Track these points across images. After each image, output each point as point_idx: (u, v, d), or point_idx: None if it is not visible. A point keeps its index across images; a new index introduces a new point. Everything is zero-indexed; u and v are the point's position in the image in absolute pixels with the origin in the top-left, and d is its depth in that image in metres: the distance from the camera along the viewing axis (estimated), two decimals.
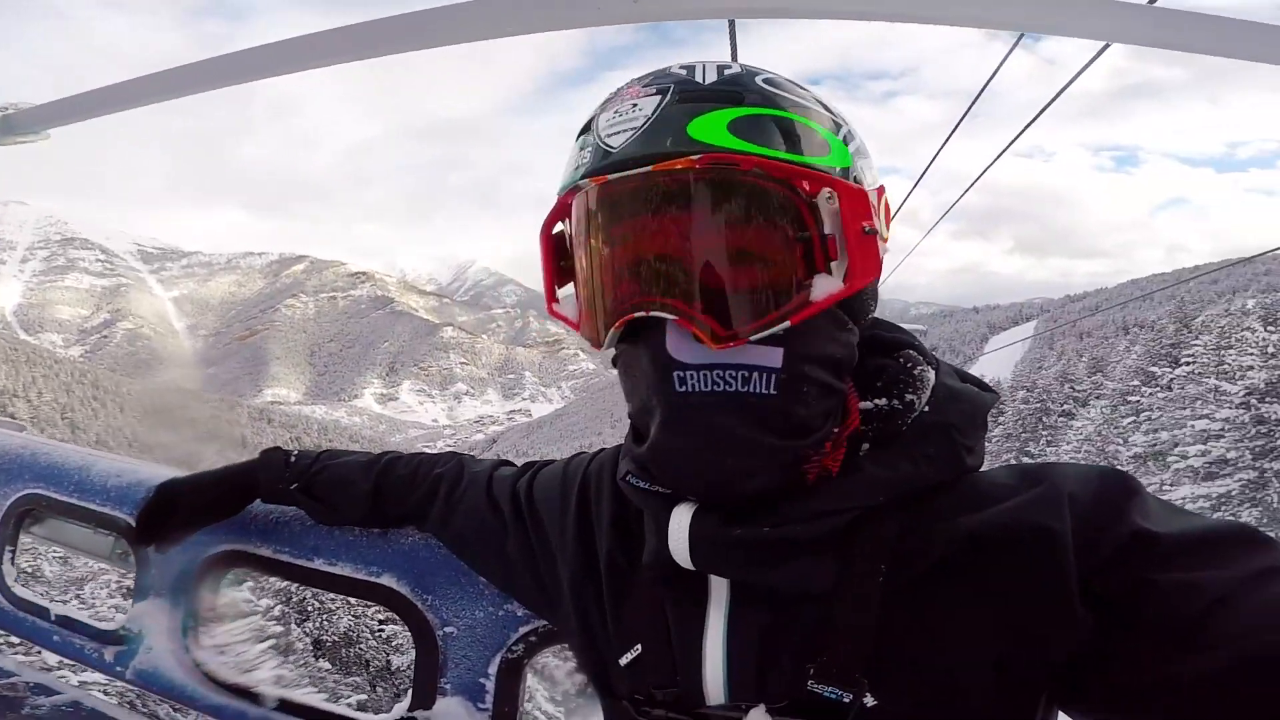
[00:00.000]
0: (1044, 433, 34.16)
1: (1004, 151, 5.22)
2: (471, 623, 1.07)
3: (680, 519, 0.62)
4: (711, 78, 0.61)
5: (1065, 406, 34.99)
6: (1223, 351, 23.76)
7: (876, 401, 0.64)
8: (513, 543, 0.89)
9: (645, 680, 0.68)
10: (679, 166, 0.57)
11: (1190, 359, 25.82)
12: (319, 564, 1.15)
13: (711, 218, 0.58)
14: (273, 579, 1.29)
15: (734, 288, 0.58)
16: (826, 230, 0.57)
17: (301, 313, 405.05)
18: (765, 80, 0.62)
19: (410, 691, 1.12)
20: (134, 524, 1.18)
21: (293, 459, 1.08)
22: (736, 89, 0.60)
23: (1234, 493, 20.78)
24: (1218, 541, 0.53)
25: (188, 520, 1.08)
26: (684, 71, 0.63)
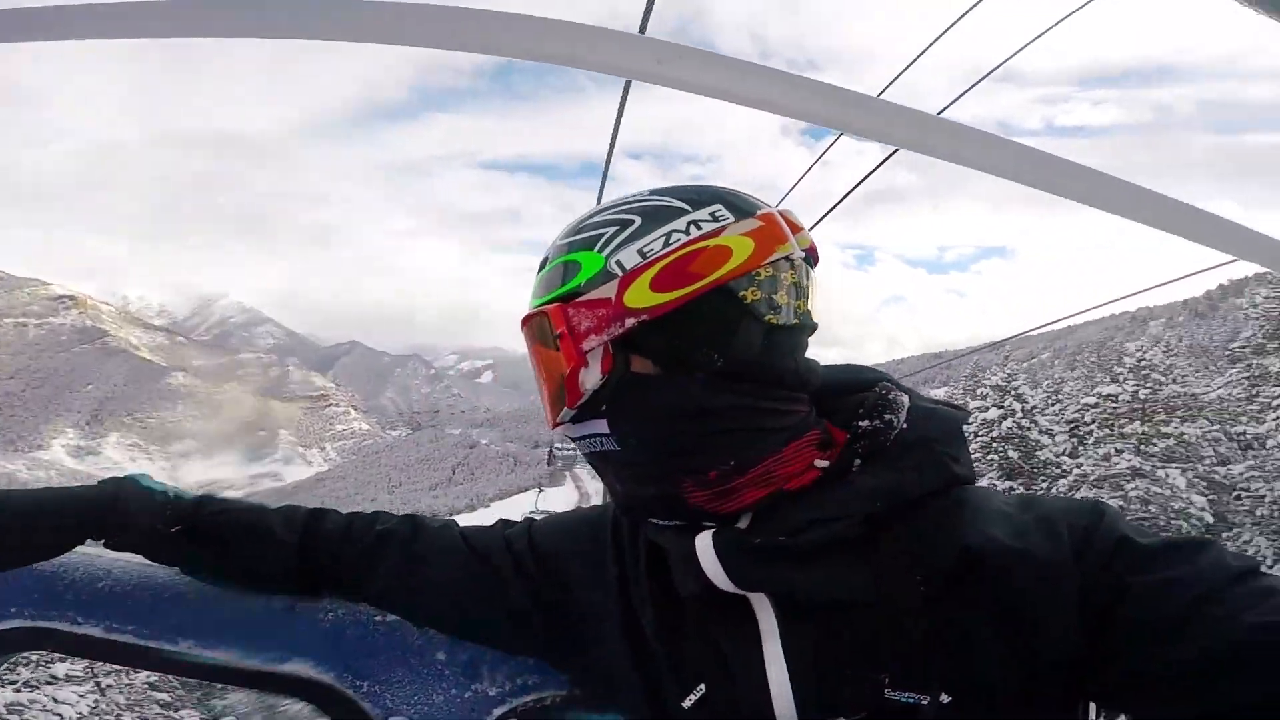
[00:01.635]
0: None
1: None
2: (428, 709, 0.89)
3: (704, 540, 0.69)
4: (580, 231, 0.76)
5: None
6: None
7: (861, 424, 0.72)
8: (515, 584, 0.84)
9: (715, 717, 0.70)
10: (523, 325, 0.78)
11: None
12: (185, 648, 0.86)
13: (532, 356, 0.78)
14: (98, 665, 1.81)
15: (550, 397, 0.75)
16: (577, 342, 0.72)
17: None
18: (570, 229, 0.77)
19: None
20: None
21: (169, 494, 0.84)
22: (546, 258, 0.78)
23: None
24: (1188, 548, 0.60)
25: None
26: (581, 223, 0.77)
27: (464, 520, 0.97)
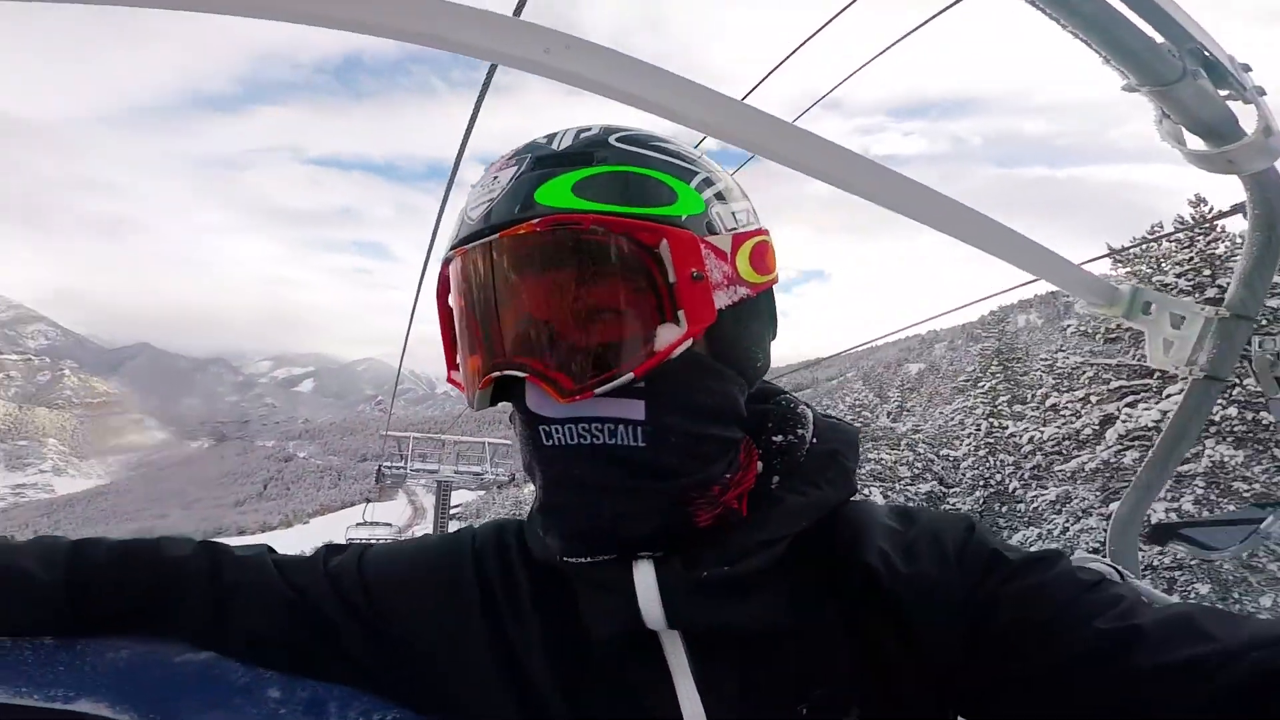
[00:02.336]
0: None
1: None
2: None
3: (646, 575, 0.60)
4: (567, 143, 0.64)
5: None
6: None
7: (775, 439, 0.68)
8: (347, 627, 0.72)
9: None
10: (521, 231, 0.59)
11: None
12: None
13: (552, 277, 0.60)
14: None
15: (579, 343, 0.59)
16: (671, 279, 0.59)
17: None
18: (621, 138, 0.64)
19: None
20: None
21: None
22: (588, 150, 0.63)
23: None
24: (1046, 560, 0.63)
25: None
26: (545, 140, 0.66)
27: (283, 537, 0.52)
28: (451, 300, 0.68)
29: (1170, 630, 0.53)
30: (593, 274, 0.60)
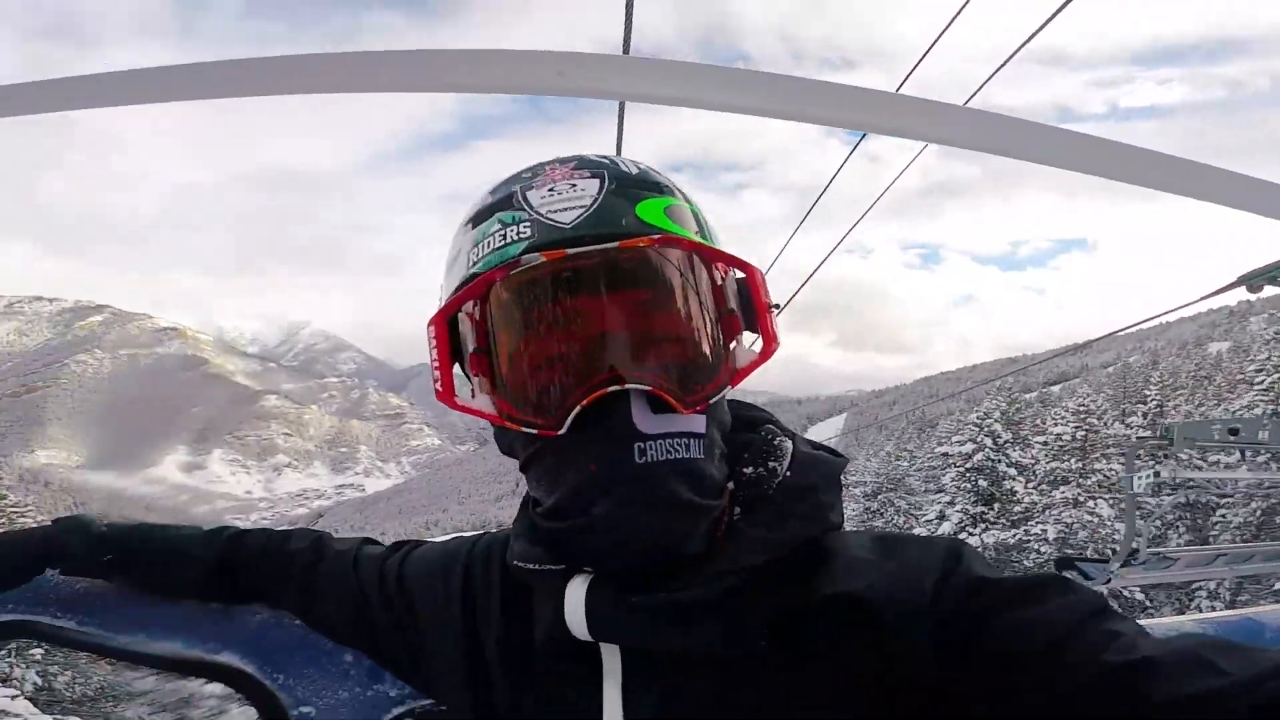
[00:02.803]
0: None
1: (836, 247, 5.57)
2: (334, 703, 0.98)
3: (576, 592, 0.63)
4: (634, 169, 0.66)
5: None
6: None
7: (745, 470, 0.67)
8: (380, 620, 0.86)
9: None
10: (643, 244, 0.60)
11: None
12: (139, 640, 1.01)
13: (670, 296, 0.62)
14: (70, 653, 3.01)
15: (691, 356, 0.62)
16: (736, 306, 0.65)
17: (94, 369, 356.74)
18: (660, 174, 0.68)
19: None
20: None
21: (103, 528, 0.97)
22: (655, 179, 0.66)
23: None
24: (1042, 587, 0.58)
25: None
26: (605, 159, 0.68)
27: None
28: (515, 309, 0.63)
29: (1181, 662, 0.50)
30: (699, 295, 0.64)
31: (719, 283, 0.65)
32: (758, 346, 0.66)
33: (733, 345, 0.66)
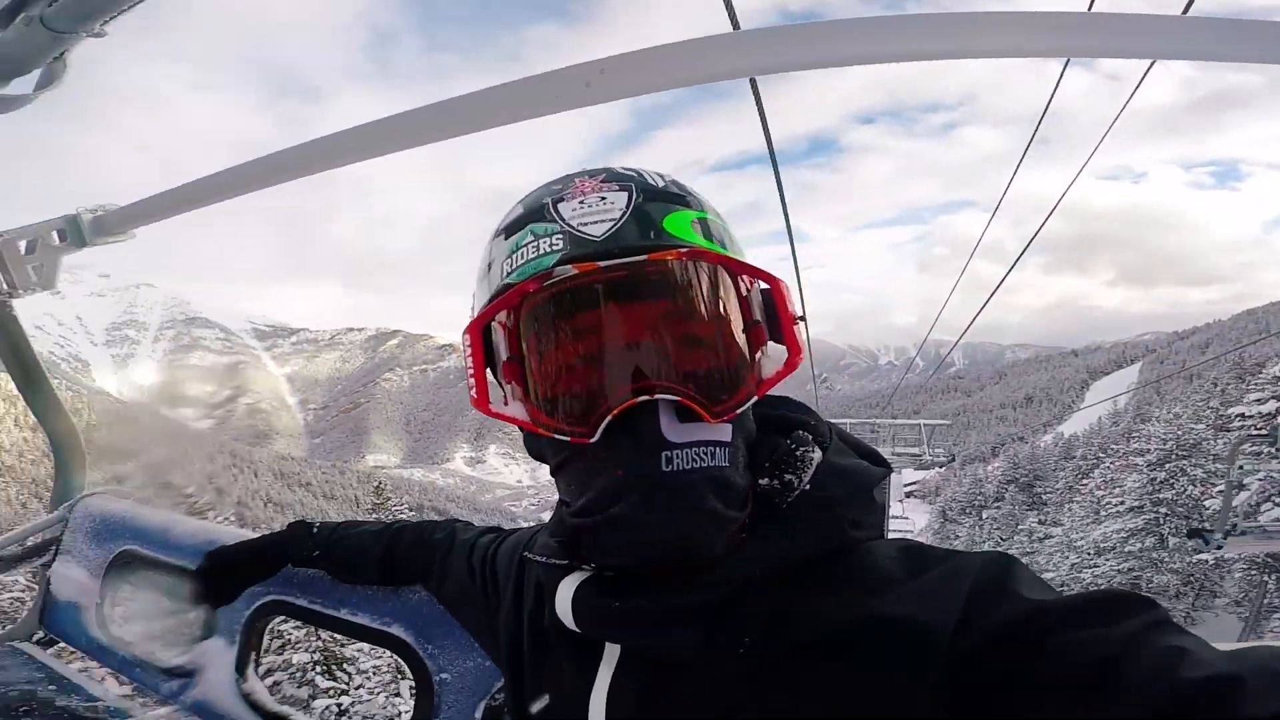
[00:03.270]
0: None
1: (1077, 177, 5.19)
2: (462, 671, 1.23)
3: (565, 590, 0.68)
4: (660, 181, 0.68)
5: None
6: None
7: (760, 482, 0.67)
8: (479, 601, 1.01)
9: None
10: (671, 258, 0.62)
11: None
12: (344, 613, 1.37)
13: (698, 307, 0.63)
14: (306, 624, 1.55)
15: (721, 368, 0.64)
16: (761, 317, 0.66)
17: (397, 385, 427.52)
18: (684, 186, 0.70)
19: None
20: (196, 578, 1.37)
21: (315, 530, 1.32)
22: (682, 193, 0.68)
23: None
24: (1102, 604, 0.53)
25: (228, 584, 1.36)
26: (632, 172, 0.69)
27: None
28: (548, 320, 0.65)
29: (1265, 678, 0.45)
30: (725, 307, 0.65)
31: (744, 294, 0.66)
32: (783, 358, 0.67)
33: (759, 356, 0.66)
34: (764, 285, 0.67)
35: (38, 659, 1.85)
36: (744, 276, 0.66)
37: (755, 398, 0.64)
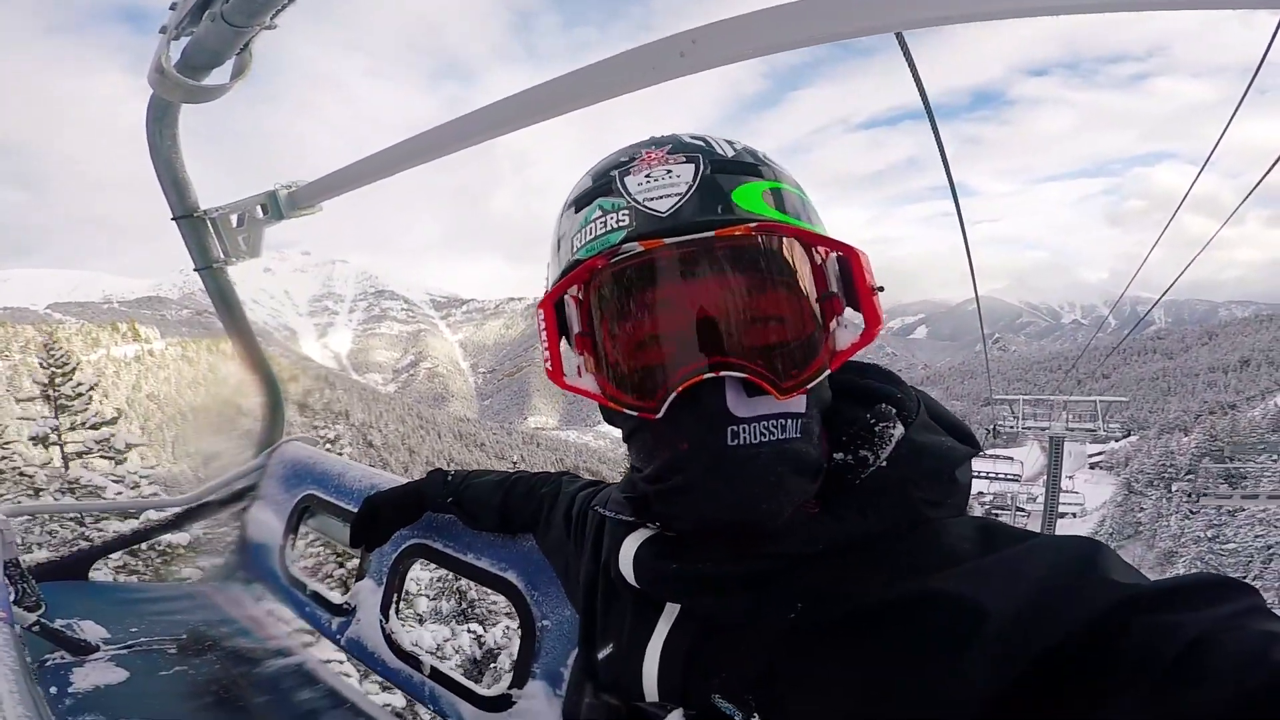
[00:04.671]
0: None
1: None
2: (560, 620, 1.28)
3: (629, 546, 0.72)
4: (730, 150, 0.67)
5: None
6: None
7: (835, 456, 0.67)
8: (569, 552, 1.08)
9: (609, 672, 0.79)
10: (739, 233, 0.61)
11: None
12: (470, 558, 1.48)
13: (768, 282, 0.62)
14: (441, 568, 1.55)
15: (789, 342, 0.63)
16: (837, 289, 0.64)
17: None
18: (765, 156, 0.68)
19: (512, 672, 1.36)
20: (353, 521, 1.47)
21: (450, 478, 1.44)
22: (754, 162, 0.67)
23: None
24: (1193, 588, 0.51)
25: (379, 528, 1.49)
26: (700, 142, 0.68)
27: None
28: (618, 296, 0.66)
29: None
30: (797, 280, 0.64)
31: (819, 265, 0.65)
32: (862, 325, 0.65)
33: (834, 327, 0.65)
34: (840, 255, 0.65)
35: (216, 602, 2.04)
36: (818, 248, 0.64)
37: (828, 371, 0.63)
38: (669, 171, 0.65)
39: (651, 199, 0.65)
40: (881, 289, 0.64)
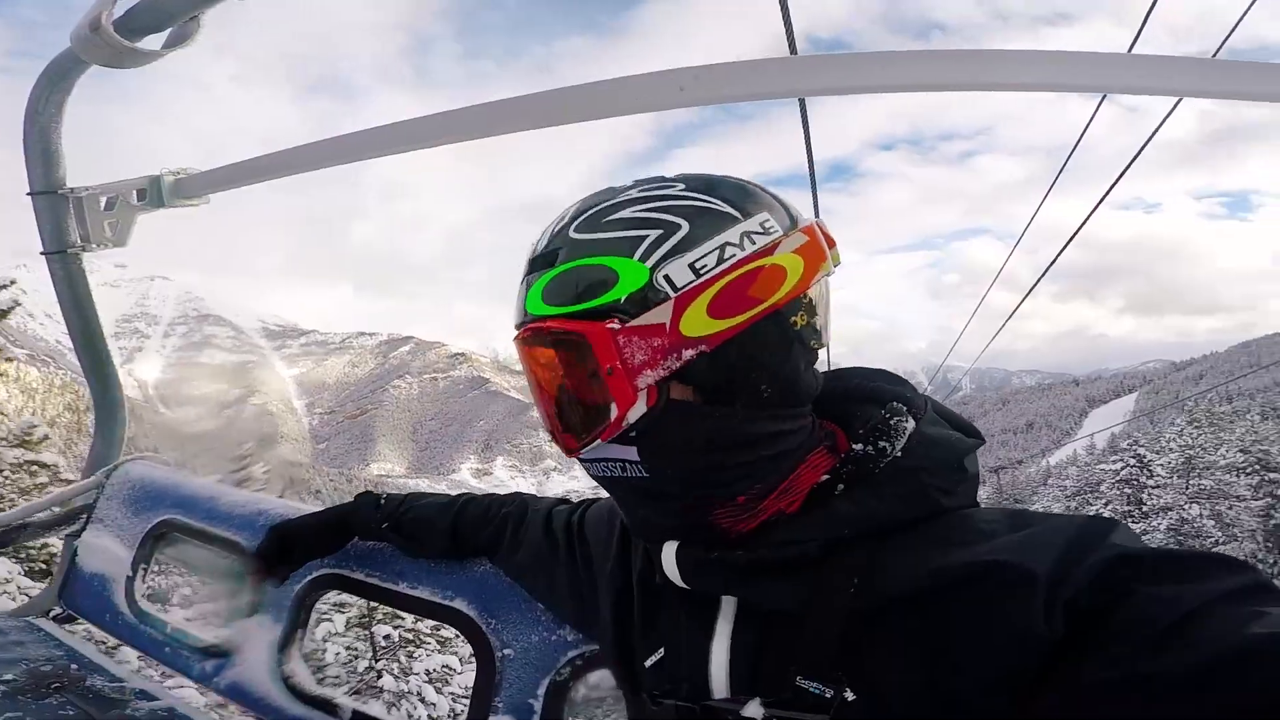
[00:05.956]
0: None
1: (1097, 206, 5.13)
2: (527, 646, 1.20)
3: (669, 550, 0.75)
4: (544, 242, 0.73)
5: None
6: None
7: (854, 447, 0.72)
8: (562, 571, 1.06)
9: (665, 678, 0.78)
10: (517, 336, 0.73)
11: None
12: (403, 587, 1.35)
13: (544, 367, 0.72)
14: (362, 599, 1.53)
15: (568, 414, 0.72)
16: (597, 371, 0.68)
17: (406, 393, 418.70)
18: (582, 224, 0.71)
19: (468, 707, 1.24)
20: (252, 552, 1.34)
21: (383, 502, 1.33)
22: (553, 250, 0.71)
23: None
24: (1196, 562, 0.55)
25: (296, 559, 1.33)
26: (562, 222, 0.74)
27: None
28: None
29: None
30: (559, 366, 0.71)
31: (571, 355, 0.70)
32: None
33: (605, 403, 0.69)
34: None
35: (55, 636, 1.72)
36: (571, 336, 0.69)
37: (599, 440, 0.70)
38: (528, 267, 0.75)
39: (520, 294, 0.75)
40: (612, 372, 0.67)
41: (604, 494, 0.89)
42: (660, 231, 0.67)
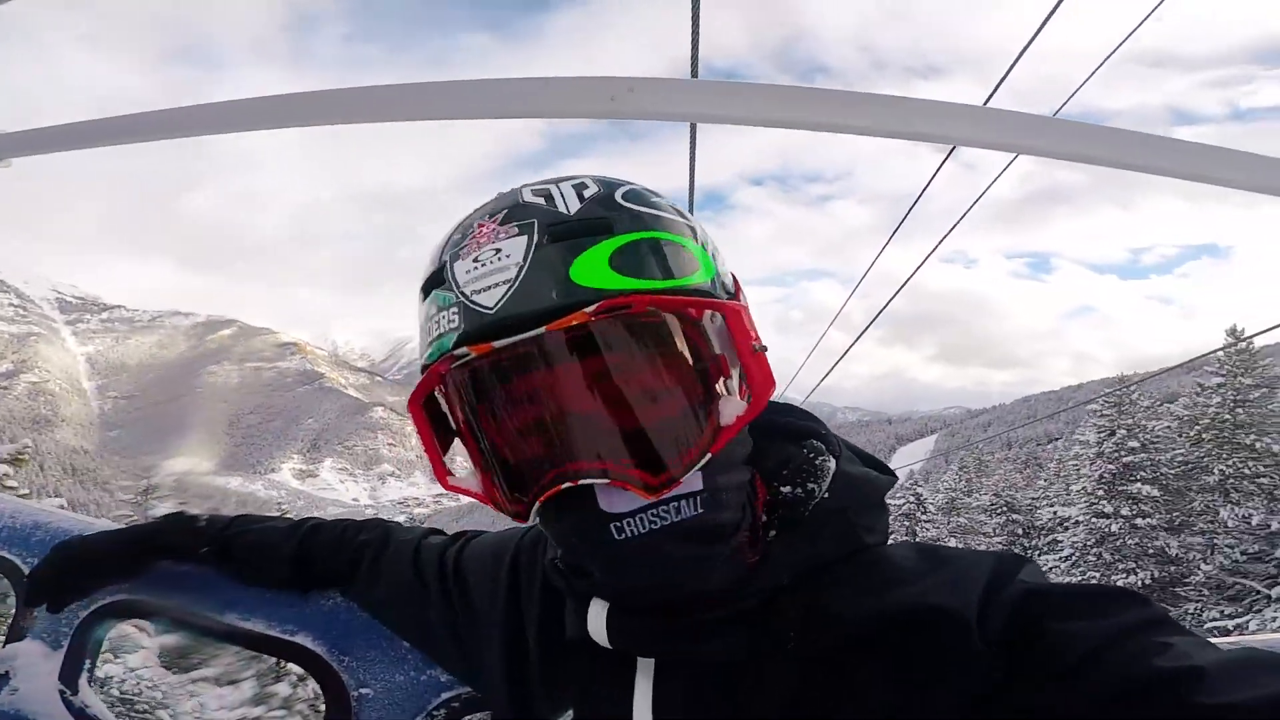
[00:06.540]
0: None
1: (927, 258, 5.61)
2: (390, 686, 1.07)
3: (598, 608, 0.66)
4: (575, 204, 0.60)
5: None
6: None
7: (783, 490, 0.67)
8: (435, 610, 0.92)
9: None
10: (574, 323, 0.55)
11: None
12: (231, 618, 1.13)
13: (618, 370, 0.57)
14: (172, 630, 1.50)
15: (653, 433, 0.58)
16: (717, 351, 0.59)
17: (224, 381, 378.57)
18: (626, 196, 0.61)
19: None
20: (25, 572, 1.15)
21: (202, 523, 1.09)
22: (605, 215, 0.59)
23: None
24: (1100, 598, 0.57)
25: (84, 584, 1.09)
26: (540, 199, 0.60)
27: None
28: (464, 406, 0.63)
29: (1234, 670, 0.48)
30: (655, 360, 0.58)
31: (693, 329, 0.59)
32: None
33: (718, 399, 0.60)
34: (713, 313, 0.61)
35: None
36: (689, 312, 0.58)
37: (710, 455, 0.58)
38: (497, 251, 0.58)
39: (478, 291, 0.58)
40: (763, 348, 0.61)
41: (481, 525, 0.87)
42: (702, 231, 0.64)
